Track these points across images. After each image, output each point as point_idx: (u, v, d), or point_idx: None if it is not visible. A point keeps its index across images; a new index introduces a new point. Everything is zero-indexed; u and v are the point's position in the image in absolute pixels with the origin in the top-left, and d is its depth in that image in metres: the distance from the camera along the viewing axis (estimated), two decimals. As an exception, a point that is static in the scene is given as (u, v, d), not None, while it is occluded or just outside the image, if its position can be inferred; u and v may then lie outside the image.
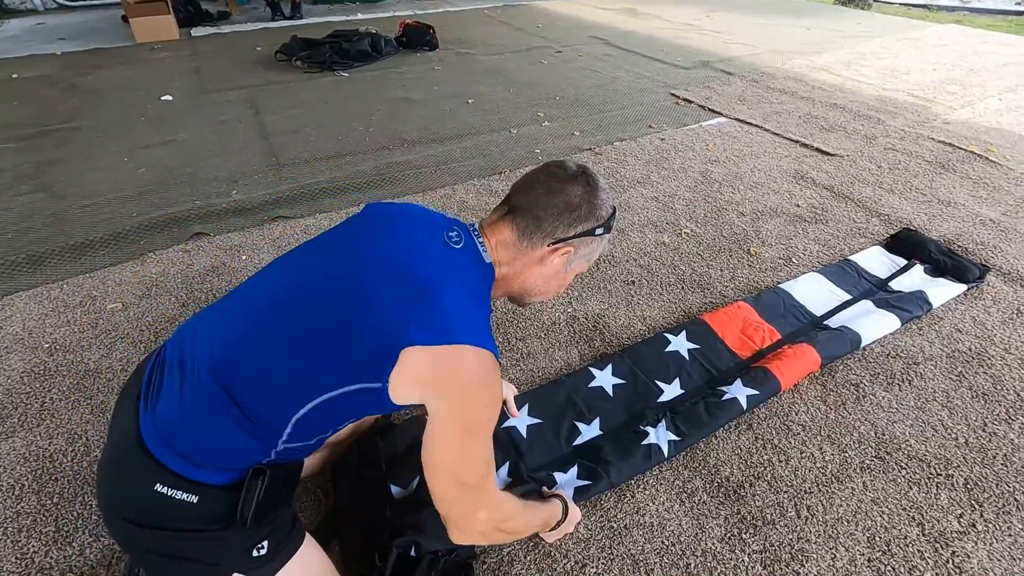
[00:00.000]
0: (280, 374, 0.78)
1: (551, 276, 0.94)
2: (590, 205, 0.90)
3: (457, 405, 0.78)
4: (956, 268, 1.89)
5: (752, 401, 1.40)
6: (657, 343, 1.60)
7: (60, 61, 4.18)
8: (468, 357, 0.76)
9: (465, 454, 0.80)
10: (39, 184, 2.45)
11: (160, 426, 0.79)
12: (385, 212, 0.93)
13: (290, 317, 0.80)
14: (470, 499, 0.84)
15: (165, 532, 0.79)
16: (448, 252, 0.86)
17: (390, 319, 0.76)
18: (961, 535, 1.17)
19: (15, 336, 1.63)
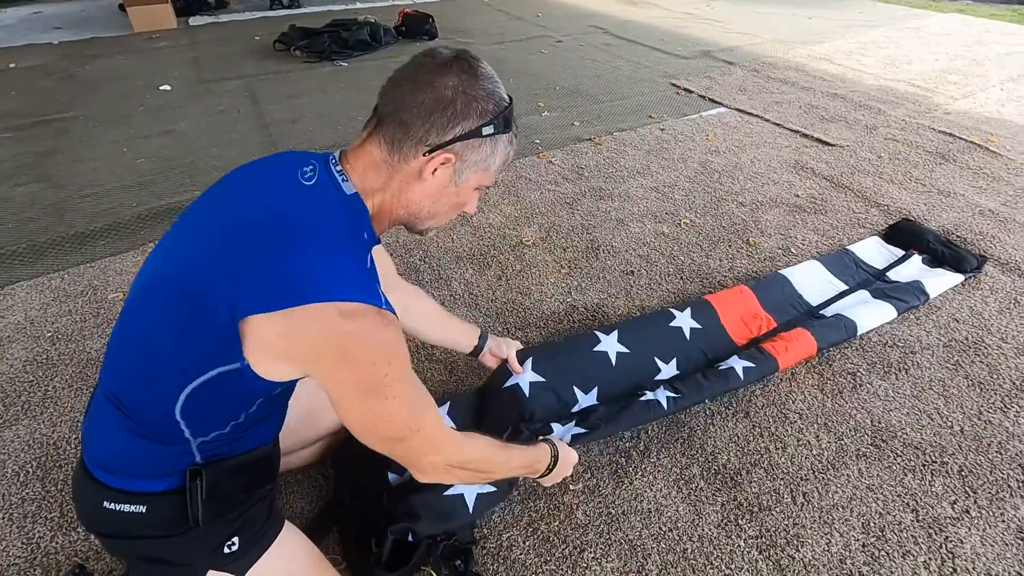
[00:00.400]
0: (144, 369, 0.74)
1: (438, 194, 0.79)
2: (467, 97, 0.73)
3: (338, 373, 0.70)
4: (954, 258, 1.89)
5: (749, 374, 1.40)
6: (663, 316, 1.58)
7: (57, 50, 4.16)
8: (325, 316, 0.66)
9: (378, 416, 0.73)
10: (38, 174, 2.45)
11: (87, 446, 0.81)
12: (245, 167, 0.81)
13: (147, 308, 0.74)
14: (410, 449, 0.79)
15: (133, 540, 0.81)
16: (299, 194, 0.73)
17: (227, 288, 0.67)
18: (955, 521, 1.18)
19: (17, 325, 1.63)
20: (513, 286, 1.84)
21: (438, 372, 1.52)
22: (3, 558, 1.08)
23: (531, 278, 1.88)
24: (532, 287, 1.84)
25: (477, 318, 1.71)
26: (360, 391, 0.71)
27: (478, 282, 1.86)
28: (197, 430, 0.76)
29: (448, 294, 1.80)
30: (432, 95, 0.72)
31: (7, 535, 1.12)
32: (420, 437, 0.77)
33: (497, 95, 0.76)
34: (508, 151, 0.81)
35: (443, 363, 1.55)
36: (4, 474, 1.23)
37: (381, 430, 0.75)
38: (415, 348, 1.59)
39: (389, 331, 0.71)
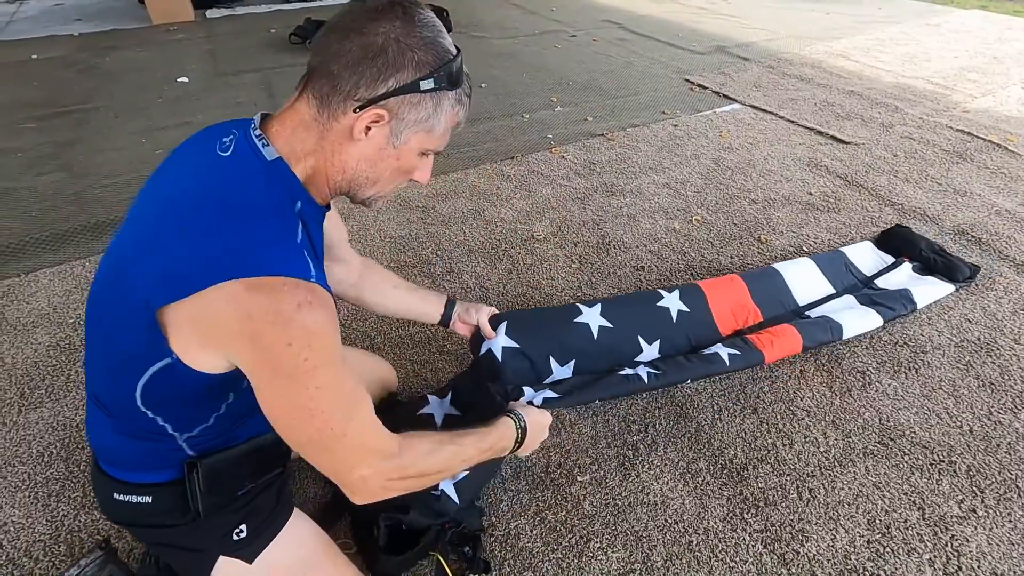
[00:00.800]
0: (104, 366, 0.73)
1: (375, 156, 0.70)
2: (401, 46, 0.64)
3: (252, 355, 0.63)
4: (946, 267, 1.83)
5: (734, 361, 1.37)
6: (650, 295, 1.54)
7: (77, 42, 4.22)
8: (233, 294, 0.60)
9: (295, 408, 0.65)
10: (60, 164, 2.50)
11: (89, 440, 0.84)
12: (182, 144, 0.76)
13: (98, 303, 0.73)
14: (336, 459, 0.69)
15: (146, 528, 0.84)
16: (215, 167, 0.67)
17: (143, 279, 0.64)
18: (961, 520, 1.19)
19: (41, 311, 1.68)
20: (524, 280, 1.86)
21: (449, 364, 1.54)
22: (29, 535, 1.12)
23: (542, 272, 1.90)
24: (543, 281, 1.86)
25: (488, 311, 1.72)
26: (275, 376, 0.63)
27: (489, 275, 1.88)
28: (177, 425, 0.75)
29: (459, 287, 1.82)
30: (360, 42, 0.64)
31: (32, 513, 1.16)
32: (346, 444, 0.68)
33: (440, 45, 0.67)
34: (457, 111, 0.72)
35: (454, 355, 1.57)
36: (29, 455, 1.27)
37: (300, 427, 0.66)
38: (424, 339, 1.62)
39: (312, 308, 0.63)
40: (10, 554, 1.09)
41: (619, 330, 1.40)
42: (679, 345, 1.47)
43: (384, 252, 1.97)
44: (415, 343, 1.61)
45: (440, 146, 0.74)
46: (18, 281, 1.80)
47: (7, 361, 1.51)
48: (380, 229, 2.07)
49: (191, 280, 0.60)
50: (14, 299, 1.72)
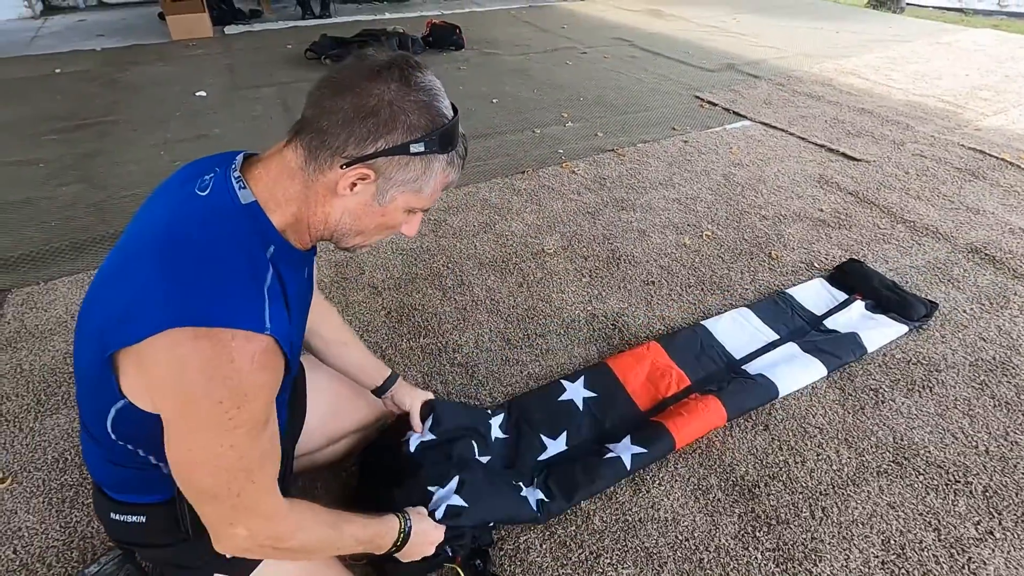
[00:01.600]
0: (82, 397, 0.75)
1: (359, 211, 0.70)
2: (394, 109, 0.64)
3: (174, 406, 0.62)
4: (900, 304, 1.74)
5: (638, 460, 1.26)
6: (551, 392, 1.47)
7: (100, 57, 4.33)
8: (177, 341, 0.58)
9: (202, 461, 0.64)
10: (81, 175, 2.56)
11: (85, 461, 0.86)
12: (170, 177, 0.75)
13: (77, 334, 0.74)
14: (219, 513, 0.68)
15: (143, 548, 0.86)
16: (189, 206, 0.67)
17: (102, 321, 0.65)
18: (978, 542, 1.17)
19: (58, 319, 1.71)
20: (534, 293, 1.87)
21: (457, 375, 1.55)
22: (42, 540, 1.14)
23: (552, 286, 1.90)
24: (553, 295, 1.86)
25: (498, 323, 1.73)
26: (194, 428, 0.62)
27: (499, 288, 1.89)
28: (158, 456, 0.74)
29: (470, 299, 1.83)
30: (354, 102, 0.64)
31: (47, 518, 1.17)
32: (236, 502, 0.67)
33: (434, 109, 0.66)
34: (448, 173, 0.71)
35: (463, 367, 1.57)
36: (45, 460, 1.29)
37: (198, 477, 0.65)
38: (436, 350, 1.62)
39: (255, 369, 0.61)
40: (23, 559, 1.10)
41: (517, 438, 1.35)
42: (588, 431, 1.39)
43: (396, 264, 1.99)
44: (426, 354, 1.61)
45: (428, 205, 0.74)
46: (37, 289, 1.83)
47: (25, 368, 1.53)
48: (392, 241, 2.10)
49: (142, 324, 0.59)
50: (33, 307, 1.75)
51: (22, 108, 3.31)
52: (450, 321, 1.74)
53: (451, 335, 1.69)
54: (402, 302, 1.81)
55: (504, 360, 1.60)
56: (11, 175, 2.55)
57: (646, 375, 1.52)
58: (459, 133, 0.71)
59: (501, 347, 1.65)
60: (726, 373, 1.54)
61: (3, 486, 1.23)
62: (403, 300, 1.82)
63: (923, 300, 1.79)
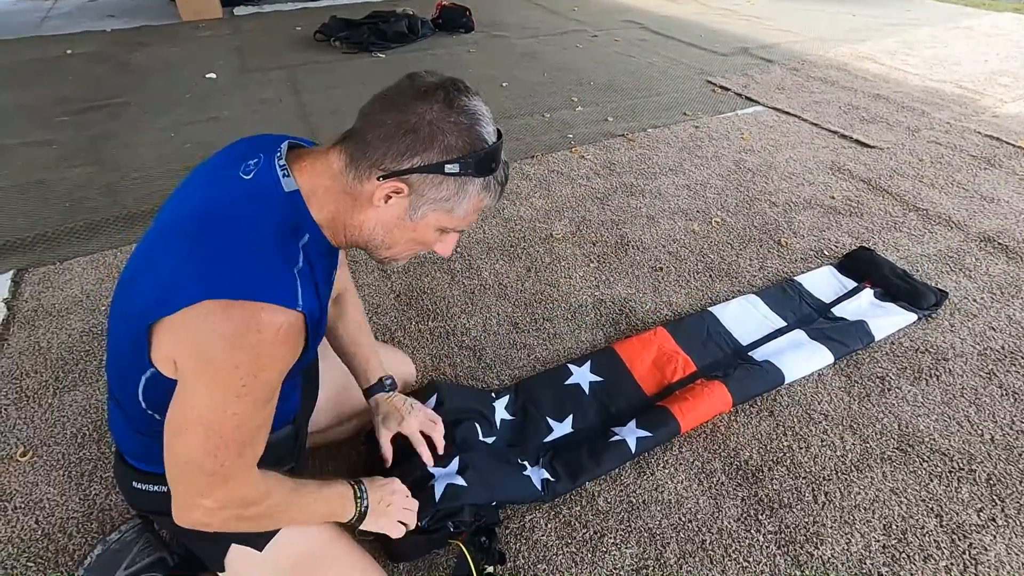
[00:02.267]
0: (115, 367, 0.78)
1: (391, 224, 0.73)
2: (433, 129, 0.66)
3: (193, 366, 0.64)
4: (910, 293, 1.73)
5: (643, 444, 1.28)
6: (557, 375, 1.48)
7: (110, 38, 4.33)
8: (211, 311, 0.61)
9: (197, 424, 0.65)
10: (93, 157, 2.58)
11: (111, 429, 0.88)
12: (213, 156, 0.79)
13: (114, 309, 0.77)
14: (196, 481, 0.69)
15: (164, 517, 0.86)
16: (233, 188, 0.70)
17: (143, 292, 0.68)
18: (979, 528, 1.18)
19: (74, 298, 1.74)
20: (542, 278, 1.88)
21: (465, 358, 1.57)
22: (63, 512, 1.17)
23: (560, 271, 1.91)
24: (561, 280, 1.87)
25: (506, 308, 1.75)
26: (206, 389, 0.64)
27: (507, 273, 1.90)
28: None
29: (478, 284, 1.84)
30: (397, 118, 0.67)
31: (66, 491, 1.21)
32: (216, 474, 0.68)
33: (474, 133, 0.68)
34: (482, 197, 0.73)
35: (471, 350, 1.59)
36: (64, 435, 1.33)
37: (189, 441, 0.66)
38: (444, 333, 1.64)
39: (277, 341, 0.64)
40: (45, 529, 1.14)
41: (523, 420, 1.36)
42: (595, 415, 1.40)
43: (405, 248, 2.00)
44: (434, 337, 1.63)
45: (461, 227, 0.76)
46: (53, 269, 1.86)
47: (43, 345, 1.57)
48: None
49: (180, 296, 0.62)
50: (49, 286, 1.79)
51: (34, 90, 3.32)
52: (458, 305, 1.76)
53: (459, 318, 1.70)
54: (411, 285, 1.83)
55: (512, 344, 1.62)
56: (25, 156, 2.58)
57: (652, 360, 1.53)
58: (500, 159, 0.73)
59: (509, 331, 1.66)
60: (732, 359, 1.54)
61: (25, 459, 1.27)
62: (412, 283, 1.84)
63: (933, 289, 1.78)
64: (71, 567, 1.07)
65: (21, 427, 1.34)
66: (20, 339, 1.59)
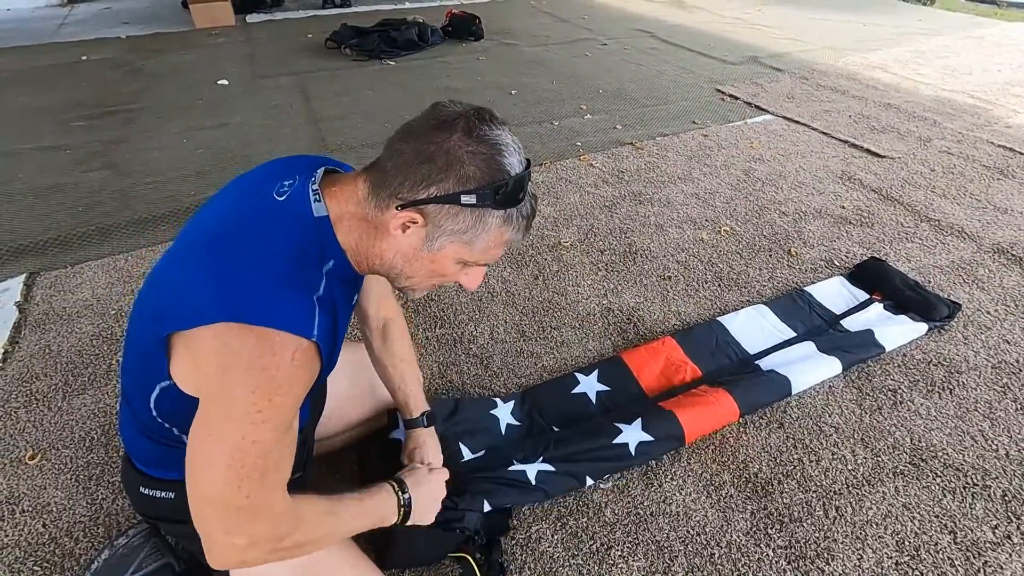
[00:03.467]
0: (131, 372, 0.78)
1: (409, 255, 0.72)
2: (451, 158, 0.65)
3: (209, 392, 0.65)
4: (922, 304, 1.70)
5: (643, 449, 1.26)
6: (564, 384, 1.48)
7: (125, 44, 4.39)
8: (227, 334, 0.62)
9: (217, 454, 0.64)
10: (106, 161, 2.61)
11: (120, 433, 0.88)
12: (248, 173, 0.80)
13: (135, 316, 0.78)
14: (223, 516, 0.67)
15: (170, 523, 0.89)
16: (266, 208, 0.70)
17: (165, 303, 0.68)
18: (995, 546, 1.16)
19: (85, 302, 1.75)
20: (550, 286, 1.87)
21: (472, 366, 1.56)
22: (70, 516, 1.17)
23: (568, 279, 1.91)
24: (568, 288, 1.87)
25: (514, 316, 1.74)
26: (221, 415, 0.63)
27: (515, 280, 1.89)
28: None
29: (486, 291, 1.84)
30: (416, 147, 0.67)
31: (74, 495, 1.21)
32: (242, 507, 0.66)
33: (495, 163, 0.66)
34: (504, 231, 0.71)
35: (479, 358, 1.59)
36: (72, 439, 1.33)
37: (210, 471, 0.65)
38: (451, 341, 1.64)
39: (294, 367, 0.64)
40: (52, 533, 1.14)
41: (529, 428, 1.36)
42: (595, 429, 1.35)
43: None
44: (442, 344, 1.63)
45: (483, 260, 0.74)
46: (65, 273, 1.88)
47: (53, 349, 1.58)
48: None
49: (197, 313, 0.63)
50: (61, 289, 1.80)
51: (50, 95, 3.37)
52: (466, 312, 1.75)
53: (467, 326, 1.70)
54: (418, 292, 1.83)
55: (519, 352, 1.61)
56: (40, 160, 2.61)
57: (660, 370, 1.51)
58: (526, 191, 0.70)
59: (516, 339, 1.66)
60: (738, 367, 1.53)
61: (33, 463, 1.27)
62: (419, 290, 1.84)
63: (946, 300, 1.75)
64: (78, 571, 1.08)
65: (30, 430, 1.35)
66: (31, 342, 1.60)
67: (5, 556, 1.10)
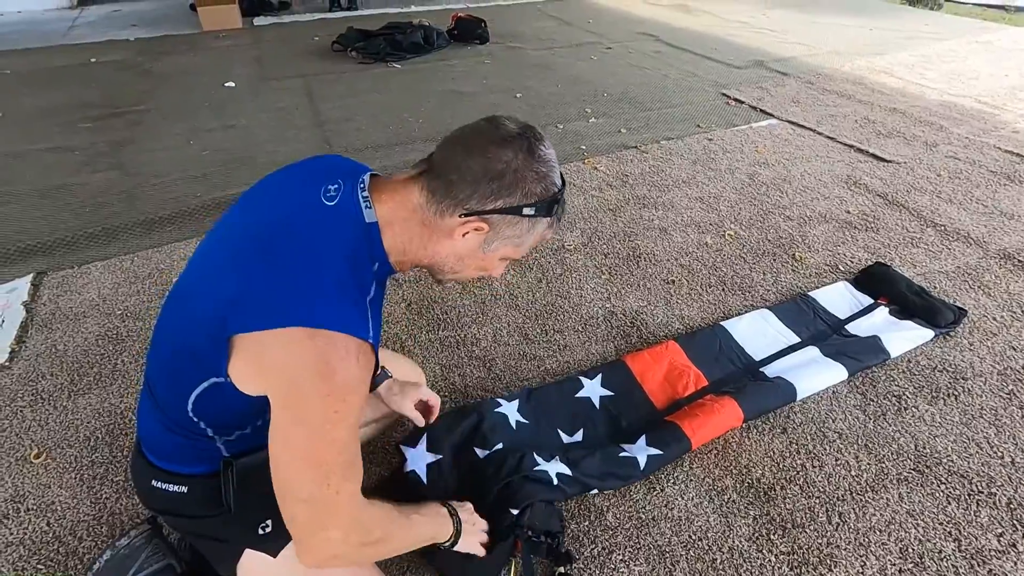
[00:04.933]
0: (167, 367, 0.79)
1: (465, 255, 0.80)
2: (518, 176, 0.73)
3: (288, 395, 0.68)
4: (927, 310, 1.69)
5: (653, 462, 1.26)
6: (568, 387, 1.48)
7: (133, 47, 4.42)
8: (295, 339, 0.66)
9: (304, 456, 0.69)
10: (113, 162, 2.63)
11: (138, 427, 0.89)
12: (281, 173, 0.83)
13: (174, 310, 0.80)
14: (314, 515, 0.71)
15: (180, 518, 0.89)
16: (315, 213, 0.74)
17: (224, 303, 0.70)
18: (1000, 554, 1.15)
19: (91, 302, 1.76)
20: (553, 289, 1.87)
21: (475, 368, 1.56)
22: (74, 515, 1.18)
23: (571, 282, 1.91)
24: (572, 291, 1.87)
25: (517, 318, 1.74)
26: (299, 420, 0.68)
27: (519, 283, 1.89)
28: (217, 430, 0.80)
29: (489, 294, 1.84)
30: (484, 164, 0.73)
31: (78, 494, 1.22)
32: (334, 502, 0.70)
33: (549, 179, 0.76)
34: (545, 234, 0.82)
35: (481, 360, 1.59)
36: (77, 438, 1.34)
37: (299, 474, 0.69)
38: (454, 343, 1.64)
39: (358, 366, 0.68)
40: (56, 532, 1.15)
41: (536, 426, 1.36)
42: (604, 429, 1.39)
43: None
44: (444, 346, 1.63)
45: (521, 256, 0.84)
46: (71, 273, 1.89)
47: (59, 348, 1.59)
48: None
49: (268, 316, 0.66)
50: (67, 289, 1.81)
51: (59, 96, 3.40)
52: (469, 315, 1.76)
53: (470, 328, 1.70)
54: (422, 294, 1.83)
55: (521, 355, 1.61)
56: (48, 161, 2.63)
57: (664, 374, 1.51)
58: (563, 200, 0.80)
59: (519, 342, 1.66)
60: (744, 375, 1.53)
61: (38, 461, 1.28)
62: (423, 292, 1.84)
63: (951, 306, 1.74)
64: (80, 570, 1.08)
65: (36, 429, 1.36)
66: (37, 342, 1.61)
67: (10, 554, 1.11)
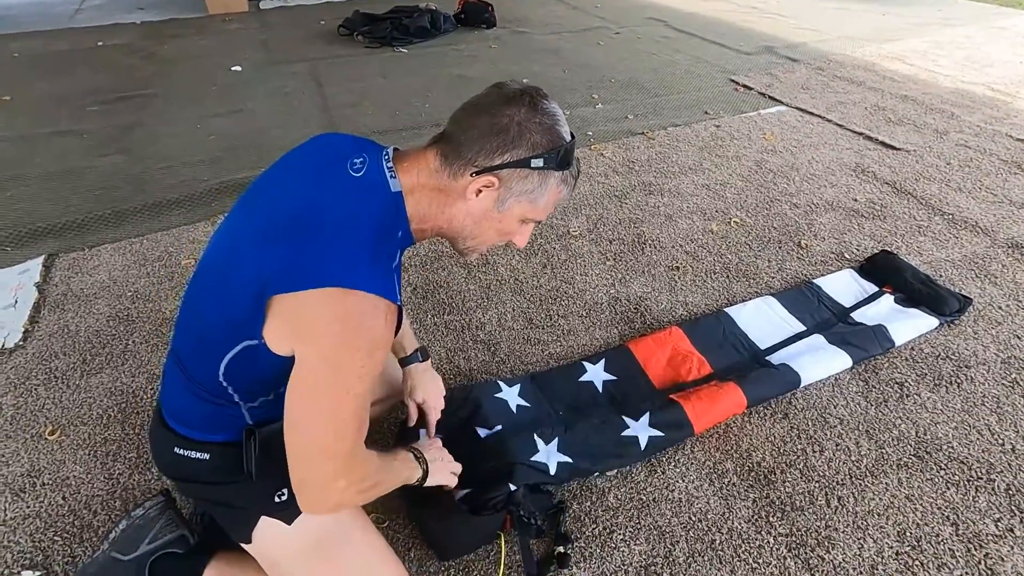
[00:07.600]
0: (196, 336, 0.83)
1: (480, 216, 0.82)
2: (522, 128, 0.76)
3: (317, 346, 0.72)
4: (932, 298, 1.69)
5: (654, 443, 1.27)
6: (571, 371, 1.49)
7: (140, 30, 4.42)
8: (330, 298, 0.69)
9: (324, 407, 0.72)
10: (121, 147, 2.64)
11: (163, 396, 0.91)
12: (301, 149, 0.87)
13: (204, 281, 0.83)
14: (327, 464, 0.75)
15: (200, 484, 0.92)
16: (345, 183, 0.78)
17: (262, 269, 0.73)
18: (997, 538, 1.16)
19: (102, 284, 1.79)
20: (558, 275, 1.88)
21: (479, 352, 1.58)
22: (88, 490, 1.21)
23: (576, 268, 1.91)
24: (576, 277, 1.87)
25: (522, 303, 1.76)
26: (330, 372, 0.71)
27: (524, 269, 1.90)
28: (243, 396, 0.84)
29: (494, 279, 1.86)
30: (489, 121, 0.76)
31: (92, 470, 1.25)
32: (349, 453, 0.75)
33: (555, 132, 0.78)
34: (561, 189, 0.83)
35: (486, 344, 1.60)
36: (89, 417, 1.37)
37: (317, 425, 0.73)
38: (459, 327, 1.66)
39: (387, 326, 0.73)
40: (72, 506, 1.18)
41: (537, 408, 1.37)
42: (607, 409, 1.39)
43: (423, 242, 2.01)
44: (450, 330, 1.65)
45: (541, 217, 0.85)
46: (82, 255, 1.91)
47: (71, 329, 1.62)
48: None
49: (306, 278, 0.70)
50: (78, 271, 1.84)
51: (66, 80, 3.41)
52: (474, 299, 1.77)
53: (475, 313, 1.72)
54: (428, 279, 1.85)
55: (526, 340, 1.63)
56: (57, 145, 2.65)
57: (667, 360, 1.52)
58: (575, 156, 0.82)
59: (523, 326, 1.67)
60: (749, 362, 1.53)
61: (53, 438, 1.31)
62: (429, 277, 1.86)
63: (956, 294, 1.74)
64: (95, 542, 1.11)
65: (50, 407, 1.39)
66: (50, 322, 1.64)
67: (27, 526, 1.14)
